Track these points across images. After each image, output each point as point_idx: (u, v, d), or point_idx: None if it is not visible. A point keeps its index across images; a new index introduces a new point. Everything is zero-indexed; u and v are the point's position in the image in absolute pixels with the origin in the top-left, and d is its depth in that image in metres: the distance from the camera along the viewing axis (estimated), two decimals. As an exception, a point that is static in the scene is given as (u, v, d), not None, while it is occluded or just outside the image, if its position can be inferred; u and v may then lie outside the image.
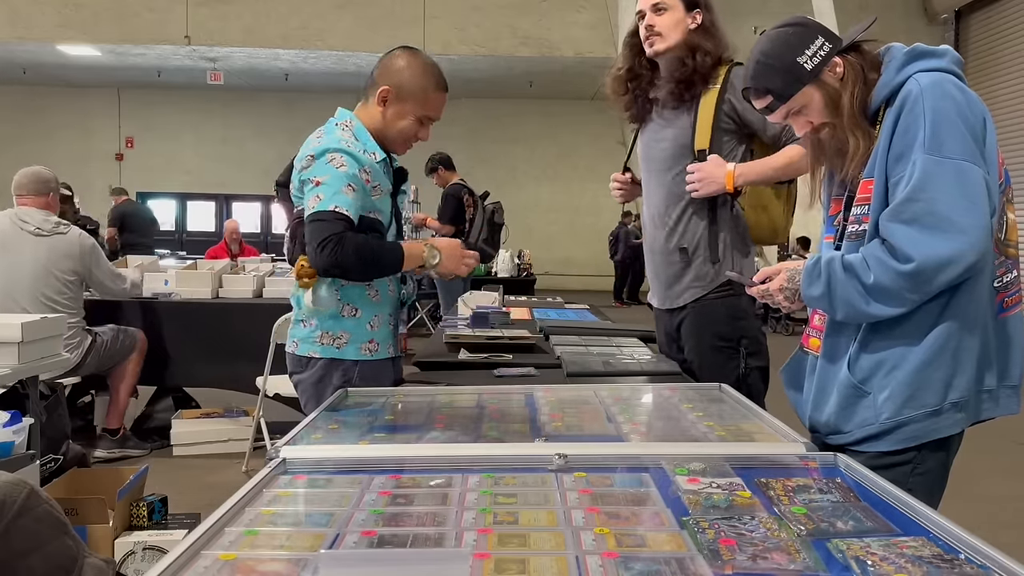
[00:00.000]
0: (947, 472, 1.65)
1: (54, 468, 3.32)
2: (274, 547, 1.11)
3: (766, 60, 1.65)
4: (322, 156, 2.12)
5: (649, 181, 2.68)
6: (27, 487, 1.55)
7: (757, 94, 1.69)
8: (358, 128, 2.23)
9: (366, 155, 2.17)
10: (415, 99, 2.21)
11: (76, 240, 4.34)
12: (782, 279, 1.71)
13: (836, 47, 1.63)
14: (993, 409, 1.62)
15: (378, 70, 2.25)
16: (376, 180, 2.18)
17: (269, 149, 17.50)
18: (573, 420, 1.85)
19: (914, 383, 1.56)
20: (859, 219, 1.62)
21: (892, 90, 1.59)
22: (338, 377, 2.22)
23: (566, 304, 4.76)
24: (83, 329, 4.37)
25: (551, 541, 1.11)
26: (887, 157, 1.56)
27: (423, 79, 2.21)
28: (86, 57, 14.66)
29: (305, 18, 13.45)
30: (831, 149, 1.69)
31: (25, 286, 4.17)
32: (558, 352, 2.77)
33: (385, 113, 2.22)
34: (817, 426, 1.72)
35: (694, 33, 2.47)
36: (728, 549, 1.07)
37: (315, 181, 2.11)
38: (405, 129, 2.24)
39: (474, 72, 14.45)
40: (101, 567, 1.62)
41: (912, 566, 1.01)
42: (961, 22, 9.65)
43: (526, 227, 16.31)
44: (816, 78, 1.62)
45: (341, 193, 2.07)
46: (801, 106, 1.65)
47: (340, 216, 2.05)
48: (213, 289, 5.02)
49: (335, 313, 2.21)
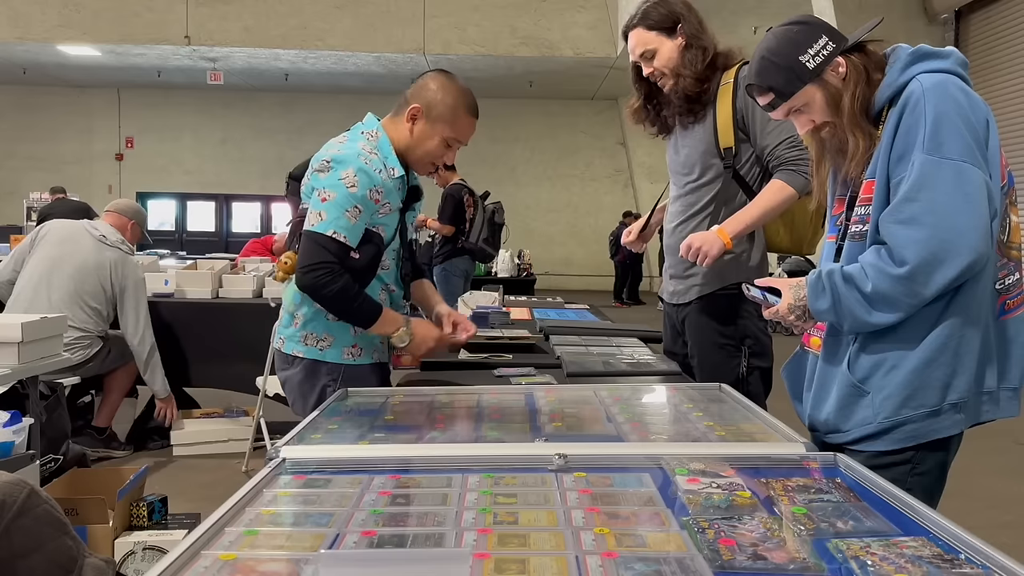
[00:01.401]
0: (946, 472, 1.65)
1: (54, 468, 3.33)
2: (274, 547, 1.11)
3: (770, 57, 1.65)
4: (338, 168, 2.12)
5: (673, 186, 2.74)
6: (27, 487, 1.55)
7: (760, 91, 1.69)
8: (383, 141, 2.23)
9: (382, 173, 2.16)
10: (444, 120, 2.21)
11: (132, 264, 4.51)
12: (788, 298, 1.69)
13: (840, 47, 1.63)
14: (993, 411, 1.62)
15: (411, 89, 2.26)
16: (387, 199, 2.18)
17: (269, 149, 17.53)
18: (573, 420, 1.85)
19: (913, 383, 1.56)
20: (862, 219, 1.62)
21: (895, 90, 1.59)
22: (323, 378, 2.24)
23: (566, 304, 4.77)
24: (99, 337, 4.40)
25: (551, 541, 1.11)
26: (889, 157, 1.56)
27: (455, 102, 2.22)
28: (86, 57, 14.67)
29: (305, 18, 13.45)
30: (832, 148, 1.69)
31: (65, 277, 4.30)
32: (558, 352, 2.77)
33: (412, 131, 2.22)
34: (816, 425, 1.72)
35: (683, 53, 2.50)
36: (728, 549, 1.07)
37: (323, 196, 2.11)
38: (432, 150, 2.24)
39: (474, 72, 14.44)
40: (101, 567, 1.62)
41: (912, 566, 1.01)
42: (961, 22, 9.64)
43: (526, 227, 16.33)
44: (818, 77, 1.62)
45: (343, 217, 2.09)
46: (802, 104, 1.66)
47: (338, 243, 2.08)
48: (213, 289, 5.02)
49: (320, 315, 2.21)
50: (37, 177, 16.52)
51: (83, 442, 4.35)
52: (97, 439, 4.55)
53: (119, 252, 4.45)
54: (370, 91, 15.92)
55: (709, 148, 2.54)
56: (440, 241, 6.64)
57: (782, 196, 2.40)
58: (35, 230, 4.58)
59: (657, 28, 2.50)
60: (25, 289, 4.31)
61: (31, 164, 17.53)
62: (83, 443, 4.32)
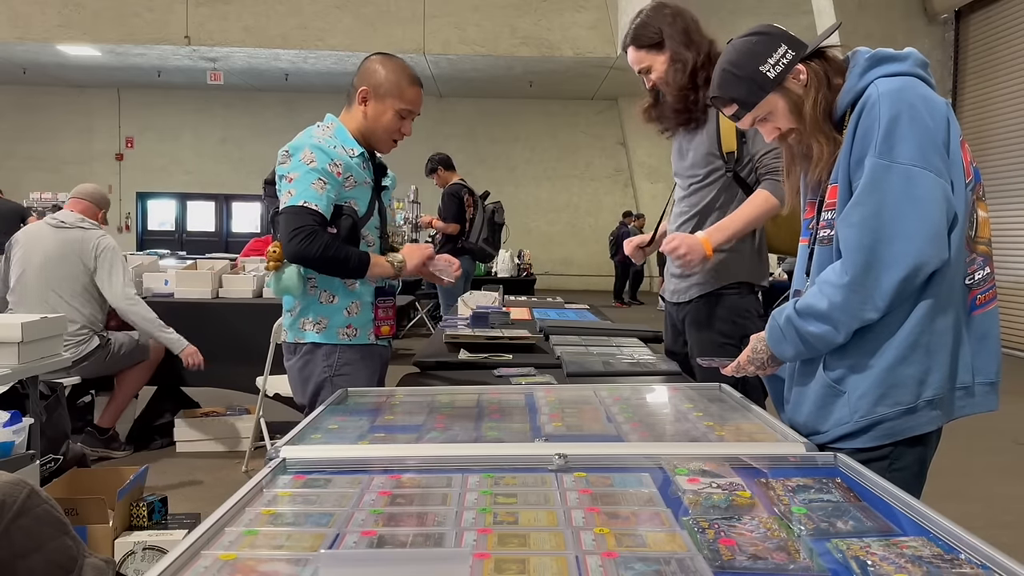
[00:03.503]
0: (925, 468, 1.66)
1: (54, 468, 3.33)
2: (274, 547, 1.11)
3: (731, 69, 1.69)
4: (295, 153, 2.33)
5: (678, 187, 2.78)
6: (27, 487, 1.55)
7: (724, 103, 1.73)
8: (338, 129, 2.43)
9: (338, 149, 2.36)
10: (392, 95, 2.40)
11: (95, 236, 4.45)
12: (746, 352, 1.77)
13: (800, 54, 1.66)
14: (970, 406, 1.63)
15: (356, 77, 2.45)
16: (348, 172, 2.35)
17: (269, 149, 17.42)
18: (573, 420, 1.85)
19: (887, 381, 1.57)
20: (829, 224, 1.64)
21: (855, 95, 1.61)
22: (321, 362, 2.40)
23: (566, 304, 4.77)
24: (91, 330, 4.38)
25: (551, 541, 1.11)
26: (849, 162, 1.59)
27: (397, 76, 2.41)
28: (86, 57, 14.67)
29: (305, 18, 13.46)
30: (799, 153, 1.73)
31: (33, 276, 4.31)
32: (558, 352, 2.78)
33: (367, 112, 2.42)
34: (796, 427, 1.73)
35: (668, 69, 2.55)
36: (728, 549, 1.07)
37: (288, 178, 2.32)
38: (388, 124, 2.42)
39: (474, 72, 14.45)
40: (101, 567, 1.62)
41: (912, 566, 1.01)
42: (961, 22, 9.64)
43: (526, 227, 16.33)
44: (779, 85, 1.65)
45: (311, 188, 2.28)
46: (766, 113, 1.69)
47: (310, 211, 2.27)
48: (213, 289, 5.02)
49: (314, 300, 2.40)
50: (37, 177, 16.53)
51: (83, 442, 4.35)
52: (98, 439, 4.55)
53: (79, 230, 4.42)
54: (370, 91, 15.93)
55: (711, 151, 2.59)
56: (440, 241, 6.65)
57: (766, 207, 2.46)
58: (7, 246, 4.57)
59: (646, 46, 2.57)
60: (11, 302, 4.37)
61: (31, 164, 17.53)
62: (83, 443, 4.32)
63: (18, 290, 4.36)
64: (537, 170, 18.36)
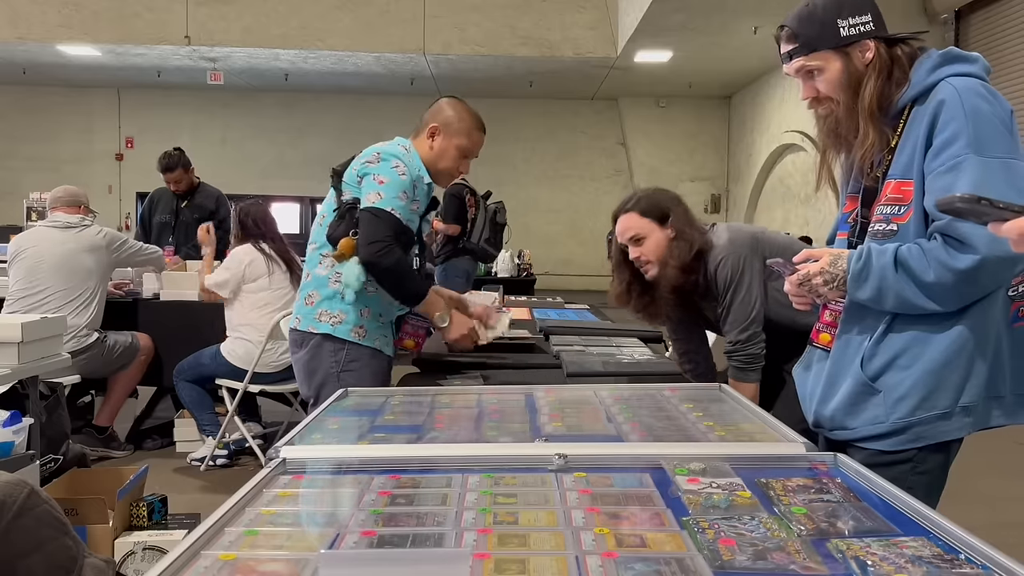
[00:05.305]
0: (946, 473, 1.65)
1: (54, 468, 3.32)
2: (274, 547, 1.11)
3: (812, 8, 1.64)
4: (388, 159, 2.46)
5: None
6: (27, 487, 1.55)
7: (787, 35, 1.67)
8: (414, 153, 2.58)
9: (419, 173, 2.52)
10: (460, 134, 2.58)
11: (94, 230, 4.52)
12: (824, 263, 1.64)
13: (878, 32, 1.62)
14: (1002, 417, 1.61)
15: (428, 113, 2.63)
16: (417, 197, 2.52)
17: (269, 149, 17.51)
18: (573, 420, 1.85)
19: (929, 384, 1.56)
20: (888, 218, 1.60)
21: (921, 90, 1.58)
22: (328, 356, 2.48)
23: (566, 304, 4.76)
24: (90, 327, 4.38)
25: (551, 541, 1.11)
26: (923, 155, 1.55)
27: (469, 120, 2.61)
28: (86, 57, 14.65)
29: (305, 18, 13.44)
30: (826, 129, 1.68)
31: (44, 276, 4.33)
32: (558, 352, 2.77)
33: (433, 146, 2.58)
34: (821, 420, 1.72)
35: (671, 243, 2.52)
36: (728, 549, 1.07)
37: (378, 179, 2.43)
38: (450, 161, 2.59)
39: (474, 72, 14.43)
40: (101, 567, 1.63)
41: (912, 566, 1.01)
42: (961, 22, 9.63)
43: (526, 227, 16.31)
44: (844, 47, 1.61)
45: (397, 198, 2.43)
46: (816, 67, 1.64)
47: (395, 218, 2.40)
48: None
49: (336, 296, 2.50)
50: (37, 177, 16.48)
51: (83, 442, 4.35)
52: (97, 439, 4.55)
53: (86, 228, 4.51)
54: (370, 91, 15.89)
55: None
56: (441, 241, 6.64)
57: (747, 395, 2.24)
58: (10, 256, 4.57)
59: (649, 216, 2.56)
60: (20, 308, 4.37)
61: (31, 164, 17.51)
62: (83, 443, 4.33)
63: (28, 294, 4.33)
64: (537, 170, 18.34)
